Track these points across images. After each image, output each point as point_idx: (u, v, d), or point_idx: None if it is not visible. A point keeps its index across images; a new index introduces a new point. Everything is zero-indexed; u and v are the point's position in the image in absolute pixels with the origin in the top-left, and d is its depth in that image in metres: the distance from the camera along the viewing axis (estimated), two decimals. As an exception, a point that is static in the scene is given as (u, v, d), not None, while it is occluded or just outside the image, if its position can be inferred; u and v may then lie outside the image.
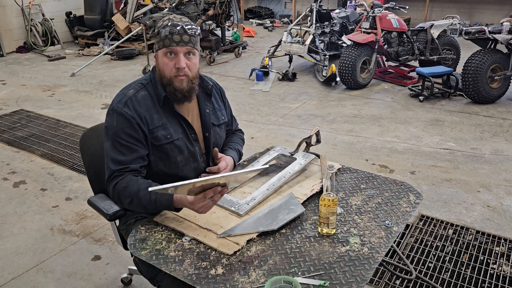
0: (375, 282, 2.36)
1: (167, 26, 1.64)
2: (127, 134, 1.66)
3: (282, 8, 11.52)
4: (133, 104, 1.69)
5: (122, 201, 1.66)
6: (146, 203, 1.59)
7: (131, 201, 1.61)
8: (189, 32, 1.66)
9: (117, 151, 1.66)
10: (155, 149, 1.72)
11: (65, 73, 6.84)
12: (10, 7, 8.15)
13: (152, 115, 1.70)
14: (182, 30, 1.65)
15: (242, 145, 2.08)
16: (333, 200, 1.44)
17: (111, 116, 1.70)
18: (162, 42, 1.66)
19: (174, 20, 1.66)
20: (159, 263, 1.37)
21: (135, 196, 1.60)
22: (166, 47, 1.65)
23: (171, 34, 1.64)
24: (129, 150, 1.66)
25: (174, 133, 1.73)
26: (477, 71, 4.88)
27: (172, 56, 1.67)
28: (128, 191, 1.61)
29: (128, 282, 2.40)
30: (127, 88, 1.76)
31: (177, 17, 1.69)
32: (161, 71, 1.71)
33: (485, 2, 9.09)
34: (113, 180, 1.65)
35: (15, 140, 4.33)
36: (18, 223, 2.98)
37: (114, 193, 1.66)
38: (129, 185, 1.61)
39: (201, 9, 7.26)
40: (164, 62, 1.68)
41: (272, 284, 1.22)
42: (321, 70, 6.17)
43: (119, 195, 1.64)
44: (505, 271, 2.44)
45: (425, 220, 2.93)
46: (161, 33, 1.65)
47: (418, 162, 3.74)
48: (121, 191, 1.62)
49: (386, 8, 5.87)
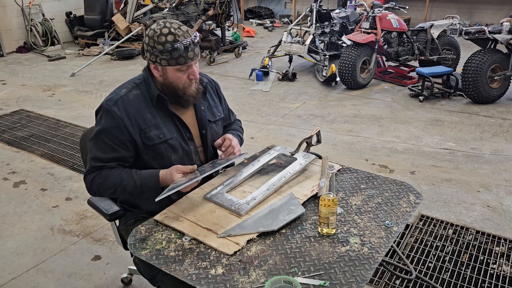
0: (375, 282, 2.36)
1: (177, 43, 1.59)
2: (111, 134, 1.67)
3: (282, 8, 11.52)
4: (124, 104, 1.69)
5: (103, 194, 1.72)
6: (131, 189, 1.66)
7: (114, 191, 1.68)
8: (197, 42, 1.65)
9: (99, 148, 1.69)
10: (148, 149, 1.72)
11: (65, 73, 6.84)
12: (10, 7, 8.16)
13: (144, 115, 1.70)
14: (193, 45, 1.63)
15: (241, 132, 2.11)
16: (333, 200, 1.44)
17: (101, 113, 1.71)
18: (175, 60, 1.62)
19: (179, 34, 1.60)
20: (159, 263, 1.37)
21: (119, 186, 1.66)
22: (182, 65, 1.64)
23: (185, 51, 1.61)
24: (110, 149, 1.68)
25: (168, 133, 1.74)
26: (477, 71, 4.88)
27: (185, 69, 1.67)
28: (109, 183, 1.67)
29: (128, 282, 2.40)
30: (120, 88, 1.76)
31: (175, 26, 1.62)
32: (172, 84, 1.70)
33: (485, 2, 9.09)
34: (90, 175, 1.70)
35: (15, 140, 4.33)
36: (18, 223, 2.98)
37: (91, 187, 1.71)
38: (108, 177, 1.67)
39: (201, 9, 7.26)
40: (177, 76, 1.68)
41: (272, 284, 1.22)
42: (321, 70, 6.17)
43: (98, 189, 1.70)
44: (505, 271, 2.44)
45: (425, 220, 2.93)
46: (170, 51, 1.59)
47: (418, 162, 3.74)
48: (100, 184, 1.68)
49: (386, 8, 5.87)
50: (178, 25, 1.64)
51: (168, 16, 6.99)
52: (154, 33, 1.61)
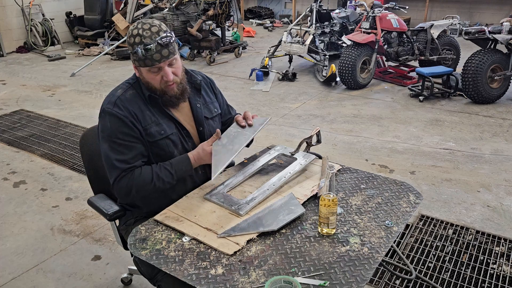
0: (375, 282, 2.36)
1: (142, 44, 1.58)
2: (123, 133, 1.66)
3: (282, 8, 11.52)
4: (123, 103, 1.69)
5: (142, 193, 1.68)
6: (169, 179, 1.69)
7: (154, 186, 1.66)
8: (165, 43, 1.60)
9: (117, 152, 1.66)
10: (150, 145, 1.72)
11: (65, 73, 6.84)
12: (10, 7, 8.16)
13: (143, 113, 1.71)
14: (159, 47, 1.59)
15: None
16: (333, 200, 1.44)
17: (104, 118, 1.70)
18: (143, 62, 1.62)
19: (145, 36, 1.58)
20: (159, 263, 1.37)
21: (156, 179, 1.66)
22: (150, 66, 1.63)
23: (150, 54, 1.59)
24: (127, 149, 1.67)
25: (168, 128, 1.74)
26: (477, 71, 4.88)
27: (156, 71, 1.65)
28: (146, 179, 1.66)
29: (128, 282, 2.40)
30: (115, 89, 1.76)
31: (145, 27, 1.60)
32: (149, 84, 1.70)
33: (485, 2, 9.09)
34: (123, 178, 1.65)
35: (15, 140, 4.33)
36: (18, 223, 2.98)
37: (129, 191, 1.66)
38: (142, 175, 1.66)
39: (201, 9, 7.26)
40: (151, 77, 1.67)
41: (272, 284, 1.22)
42: (321, 70, 6.17)
43: (138, 190, 1.66)
44: (505, 271, 2.44)
45: (425, 220, 2.93)
46: (137, 52, 1.59)
47: (418, 162, 3.74)
48: (138, 185, 1.65)
49: (386, 8, 5.88)
50: (149, 26, 1.60)
51: (168, 16, 6.99)
52: (129, 33, 1.63)
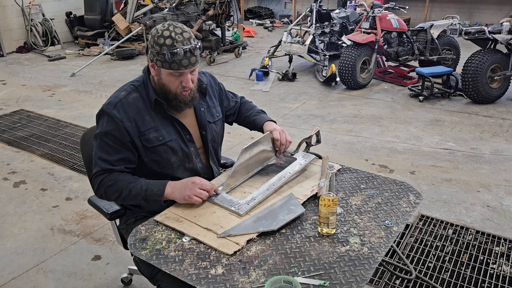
0: (375, 282, 2.36)
1: (173, 48, 1.58)
2: (113, 136, 1.68)
3: (282, 8, 11.52)
4: (124, 106, 1.70)
5: (109, 197, 1.71)
6: (136, 192, 1.65)
7: (120, 194, 1.67)
8: (195, 52, 1.63)
9: (104, 151, 1.69)
10: (147, 151, 1.72)
11: (65, 73, 6.84)
12: (10, 7, 8.16)
13: (143, 117, 1.71)
14: (189, 53, 1.61)
15: (257, 107, 2.12)
16: (333, 200, 1.44)
17: (102, 117, 1.72)
18: (168, 64, 1.61)
19: (177, 40, 1.59)
20: (159, 263, 1.37)
21: (125, 188, 1.65)
22: (174, 70, 1.63)
23: (178, 59, 1.59)
24: (114, 151, 1.69)
25: (167, 135, 1.74)
26: (477, 71, 4.88)
27: (178, 75, 1.66)
28: (117, 186, 1.66)
29: (128, 282, 2.40)
30: (119, 90, 1.77)
31: (178, 31, 1.60)
32: (164, 87, 1.70)
33: (485, 2, 9.09)
34: (99, 177, 1.69)
35: (15, 140, 4.34)
36: (18, 223, 2.98)
37: (99, 188, 1.70)
38: (117, 181, 1.67)
39: (201, 9, 7.26)
40: (170, 80, 1.67)
41: (272, 284, 1.22)
42: (321, 70, 6.17)
43: (105, 191, 1.69)
44: (505, 271, 2.44)
45: (425, 220, 2.93)
46: (164, 53, 1.59)
47: (418, 162, 3.74)
48: (108, 187, 1.68)
49: (386, 8, 5.88)
50: (181, 30, 1.62)
51: (168, 16, 7.00)
52: (156, 33, 1.62)
